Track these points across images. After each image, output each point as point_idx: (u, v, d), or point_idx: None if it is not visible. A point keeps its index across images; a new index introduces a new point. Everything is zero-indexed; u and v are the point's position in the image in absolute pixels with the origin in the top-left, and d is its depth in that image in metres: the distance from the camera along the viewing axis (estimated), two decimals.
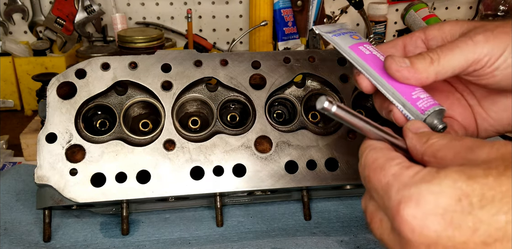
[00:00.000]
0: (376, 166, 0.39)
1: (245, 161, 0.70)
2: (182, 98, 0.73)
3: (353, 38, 0.53)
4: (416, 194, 0.34)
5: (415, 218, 0.34)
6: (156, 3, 1.45)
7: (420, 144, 0.41)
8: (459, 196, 0.32)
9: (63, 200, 0.67)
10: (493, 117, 0.53)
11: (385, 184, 0.37)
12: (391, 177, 0.37)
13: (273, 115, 0.79)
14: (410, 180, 0.36)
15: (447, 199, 0.33)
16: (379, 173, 0.39)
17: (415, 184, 0.35)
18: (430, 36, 0.51)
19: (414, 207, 0.34)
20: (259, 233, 0.74)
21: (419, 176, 0.35)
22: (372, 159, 0.40)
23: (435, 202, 0.33)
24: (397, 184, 0.36)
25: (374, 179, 0.39)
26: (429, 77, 0.45)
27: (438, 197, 0.33)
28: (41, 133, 0.67)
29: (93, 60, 0.70)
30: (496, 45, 0.44)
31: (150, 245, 0.71)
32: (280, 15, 1.38)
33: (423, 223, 0.33)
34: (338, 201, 0.82)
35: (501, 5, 1.45)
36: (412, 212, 0.34)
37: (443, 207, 0.33)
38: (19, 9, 1.34)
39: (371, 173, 0.39)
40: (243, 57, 0.74)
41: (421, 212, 0.33)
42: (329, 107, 0.38)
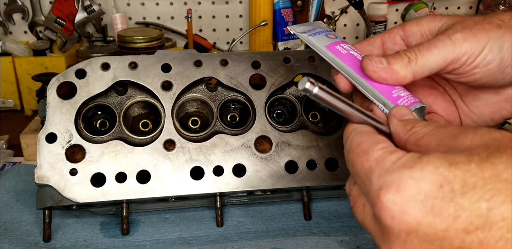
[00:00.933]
0: (360, 150, 0.39)
1: (245, 161, 0.70)
2: (182, 98, 0.73)
3: (329, 38, 0.52)
4: (397, 180, 0.34)
5: (395, 204, 0.33)
6: (156, 3, 1.46)
7: (404, 132, 0.40)
8: (441, 182, 0.32)
9: (63, 200, 0.67)
10: (475, 112, 0.53)
11: (367, 169, 0.37)
12: (373, 162, 0.37)
13: (273, 115, 0.79)
14: (392, 165, 0.35)
15: (428, 185, 0.32)
16: (362, 157, 0.38)
17: (396, 169, 0.34)
18: (409, 32, 0.50)
19: (394, 193, 0.33)
20: (259, 233, 0.74)
21: (401, 162, 0.35)
22: (357, 143, 0.40)
23: (416, 188, 0.33)
24: (379, 169, 0.36)
25: (357, 163, 0.38)
26: (407, 78, 0.45)
27: (419, 183, 0.33)
28: (41, 133, 0.67)
29: (93, 60, 0.70)
30: (474, 43, 0.44)
31: (150, 245, 0.71)
32: (280, 15, 1.38)
33: (403, 209, 0.33)
34: (338, 201, 0.82)
35: (501, 5, 1.45)
36: (392, 198, 0.33)
37: (424, 193, 0.32)
38: (19, 9, 1.34)
39: (354, 157, 0.39)
40: (243, 57, 0.74)
41: (402, 198, 0.33)
42: (311, 88, 0.37)
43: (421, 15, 1.40)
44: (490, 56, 0.44)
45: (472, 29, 0.45)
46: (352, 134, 0.41)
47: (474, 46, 0.44)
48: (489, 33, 0.44)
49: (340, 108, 0.40)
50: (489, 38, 0.44)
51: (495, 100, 0.51)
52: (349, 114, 0.41)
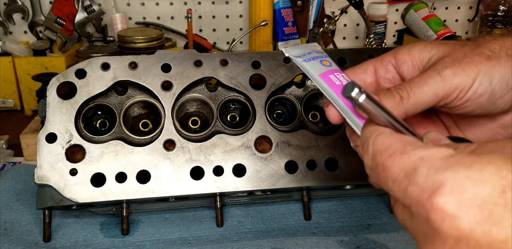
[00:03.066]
0: (393, 151, 0.34)
1: (245, 161, 0.70)
2: (182, 98, 0.73)
3: (323, 65, 0.50)
4: (451, 180, 0.30)
5: (448, 205, 0.29)
6: (156, 3, 1.46)
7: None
8: (504, 187, 0.28)
9: (63, 200, 0.67)
10: (470, 138, 0.51)
11: (410, 169, 0.32)
12: (418, 161, 0.32)
13: (273, 115, 0.79)
14: (443, 162, 0.31)
15: (488, 189, 0.29)
16: (400, 157, 0.33)
17: (450, 167, 0.30)
18: (400, 62, 0.49)
19: (447, 194, 0.29)
20: (259, 233, 0.74)
21: (455, 159, 0.31)
22: (385, 145, 0.35)
23: (474, 191, 0.29)
24: (426, 167, 0.31)
25: (394, 166, 0.34)
26: (399, 116, 0.43)
27: (477, 185, 0.29)
28: (41, 133, 0.67)
29: (93, 60, 0.70)
30: (464, 78, 0.43)
31: (150, 245, 0.71)
32: (280, 15, 1.38)
33: (456, 212, 0.29)
34: (338, 201, 0.82)
35: (501, 5, 1.45)
36: (445, 199, 0.29)
37: (483, 197, 0.29)
38: (19, 9, 1.34)
39: (387, 160, 0.34)
40: (243, 57, 0.74)
41: (456, 200, 0.29)
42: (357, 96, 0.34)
43: (421, 15, 1.40)
44: (480, 89, 0.43)
45: (461, 63, 0.44)
46: (374, 135, 0.37)
47: (464, 81, 0.43)
48: (479, 66, 0.43)
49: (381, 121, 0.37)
50: (478, 71, 0.43)
51: (490, 126, 0.50)
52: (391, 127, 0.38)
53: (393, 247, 0.71)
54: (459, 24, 1.68)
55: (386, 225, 0.76)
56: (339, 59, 0.75)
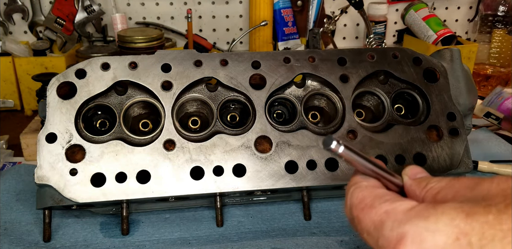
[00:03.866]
0: (364, 205, 0.38)
1: (245, 161, 0.70)
2: (182, 98, 0.73)
3: None
4: (412, 232, 0.33)
5: None
6: (156, 3, 1.46)
7: (419, 189, 0.40)
8: (457, 234, 0.31)
9: (63, 200, 0.67)
10: None
11: (378, 223, 0.36)
12: (383, 215, 0.36)
13: (273, 115, 0.79)
14: (404, 215, 0.34)
15: (444, 238, 0.32)
16: (369, 211, 0.37)
17: (410, 220, 0.34)
18: None
19: (409, 245, 0.32)
20: (259, 233, 0.74)
21: (415, 212, 0.34)
22: (359, 198, 0.39)
23: (432, 241, 0.32)
24: (390, 220, 0.35)
25: (365, 218, 0.37)
26: None
27: (435, 235, 0.32)
28: (41, 133, 0.67)
29: (93, 60, 0.70)
30: None
31: (150, 245, 0.71)
32: (280, 15, 1.38)
33: None
34: (338, 201, 0.82)
35: (501, 5, 1.45)
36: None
37: (441, 246, 0.31)
38: (19, 9, 1.34)
39: (360, 214, 0.38)
40: (243, 57, 0.73)
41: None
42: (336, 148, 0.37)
43: (421, 15, 1.40)
44: None
45: None
46: (352, 188, 0.40)
47: None
48: None
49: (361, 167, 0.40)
50: None
51: None
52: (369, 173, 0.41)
53: None
54: (459, 24, 1.68)
55: None
56: (339, 59, 0.75)
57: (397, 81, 0.78)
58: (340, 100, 0.75)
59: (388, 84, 0.78)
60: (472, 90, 0.80)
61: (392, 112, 0.77)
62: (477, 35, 1.52)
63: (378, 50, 0.77)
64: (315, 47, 1.26)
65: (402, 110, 0.80)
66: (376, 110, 0.79)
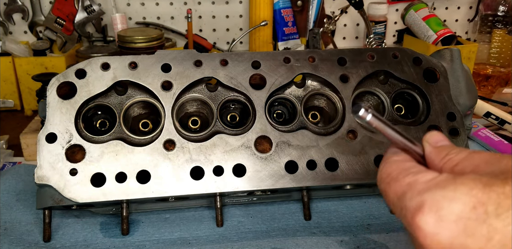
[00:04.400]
0: (390, 179, 0.39)
1: (245, 161, 0.70)
2: (182, 98, 0.73)
3: None
4: (430, 200, 0.34)
5: (428, 223, 0.33)
6: (156, 3, 1.45)
7: (438, 159, 0.40)
8: (474, 203, 0.32)
9: (63, 200, 0.67)
10: None
11: (400, 194, 0.37)
12: (406, 186, 0.37)
13: (273, 115, 0.79)
14: (424, 186, 0.36)
15: (461, 206, 0.33)
16: (393, 185, 0.38)
17: (429, 190, 0.35)
18: None
19: (427, 213, 0.34)
20: (259, 233, 0.74)
21: (434, 182, 0.35)
22: (386, 173, 0.40)
23: (449, 208, 0.33)
24: (411, 191, 0.36)
25: (390, 191, 0.39)
26: None
27: (451, 203, 0.33)
28: (41, 133, 0.67)
29: (93, 60, 0.70)
30: None
31: (150, 245, 0.71)
32: (280, 15, 1.38)
33: (435, 229, 0.33)
34: (338, 201, 0.82)
35: (501, 5, 1.45)
36: (425, 218, 0.34)
37: (457, 213, 0.32)
38: (19, 9, 1.34)
39: (386, 187, 0.40)
40: (243, 57, 0.73)
41: (434, 217, 0.33)
42: (364, 115, 0.39)
43: (421, 15, 1.40)
44: None
45: None
46: (382, 164, 0.42)
47: None
48: None
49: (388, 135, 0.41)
50: None
51: None
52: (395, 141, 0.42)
53: (393, 247, 0.71)
54: (459, 24, 1.68)
55: (386, 225, 0.76)
56: (339, 59, 0.75)
57: (397, 81, 0.78)
58: (340, 100, 0.75)
59: (388, 84, 0.78)
60: (472, 90, 0.80)
61: (392, 112, 0.77)
62: (477, 35, 1.52)
63: (378, 50, 0.77)
64: (315, 47, 1.26)
65: (402, 110, 0.80)
66: (376, 110, 0.79)
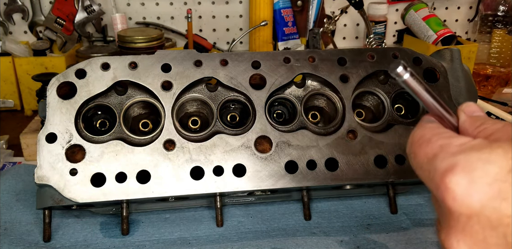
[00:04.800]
0: (422, 141, 0.38)
1: (245, 161, 0.70)
2: (182, 98, 0.73)
3: None
4: (463, 161, 0.32)
5: (459, 185, 0.32)
6: (156, 3, 1.45)
7: (472, 128, 0.39)
8: (511, 167, 0.31)
9: (63, 200, 0.67)
10: None
11: (431, 156, 0.35)
12: (438, 148, 0.35)
13: (273, 115, 0.79)
14: (458, 148, 0.34)
15: (497, 168, 0.31)
16: (425, 146, 0.37)
17: (463, 151, 0.33)
18: None
19: (459, 174, 0.32)
20: (259, 233, 0.74)
21: (469, 145, 0.34)
22: (419, 135, 0.39)
23: (483, 170, 0.31)
24: (443, 153, 0.34)
25: (421, 153, 0.37)
26: None
27: (486, 165, 0.31)
28: (41, 133, 0.67)
29: (93, 60, 0.70)
30: None
31: (150, 245, 0.71)
32: (280, 15, 1.38)
33: (467, 190, 0.31)
34: (338, 201, 0.82)
35: (501, 5, 1.45)
36: (457, 179, 0.32)
37: (492, 176, 0.31)
38: (19, 9, 1.34)
39: (416, 148, 0.38)
40: (243, 57, 0.73)
41: (467, 179, 0.31)
42: (402, 73, 0.37)
43: (421, 15, 1.40)
44: None
45: None
46: (416, 128, 0.40)
47: None
48: None
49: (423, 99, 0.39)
50: None
51: None
52: (429, 106, 0.40)
53: (393, 247, 0.71)
54: (459, 24, 1.68)
55: (386, 225, 0.76)
56: (339, 59, 0.75)
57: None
58: (340, 100, 0.75)
59: (388, 84, 0.78)
60: (472, 90, 0.80)
61: (392, 112, 0.77)
62: (477, 35, 1.52)
63: (378, 50, 0.77)
64: (315, 47, 1.26)
65: (402, 110, 0.80)
66: (376, 110, 0.79)
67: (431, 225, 0.76)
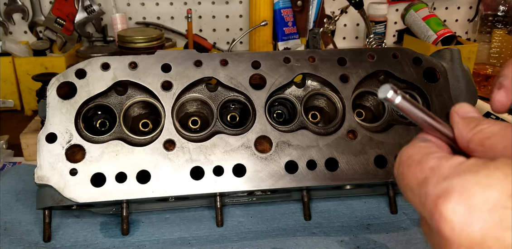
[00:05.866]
0: (411, 161, 0.35)
1: (245, 161, 0.70)
2: (182, 98, 0.73)
3: None
4: (459, 186, 0.29)
5: (456, 213, 0.29)
6: (156, 3, 1.45)
7: (467, 130, 0.36)
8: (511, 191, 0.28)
9: (63, 200, 0.67)
10: None
11: (421, 179, 0.32)
12: (428, 171, 0.32)
13: (273, 115, 0.79)
14: (452, 171, 0.31)
15: (497, 193, 0.28)
16: (414, 168, 0.34)
17: (458, 175, 0.30)
18: None
19: (456, 200, 0.29)
20: (259, 233, 0.74)
21: (463, 167, 0.31)
22: (408, 155, 0.36)
23: (483, 196, 0.28)
24: (435, 177, 0.31)
25: (409, 175, 0.34)
26: None
27: (486, 190, 0.28)
28: (41, 133, 0.67)
29: (93, 60, 0.70)
30: None
31: (150, 245, 0.71)
32: (280, 15, 1.38)
33: (465, 219, 0.28)
34: (338, 201, 0.82)
35: (501, 5, 1.45)
36: (453, 206, 0.29)
37: (492, 202, 0.28)
38: (19, 9, 1.34)
39: (405, 169, 0.35)
40: (243, 57, 0.73)
41: (465, 206, 0.28)
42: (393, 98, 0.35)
43: (421, 15, 1.40)
44: None
45: None
46: (405, 147, 0.38)
47: None
48: None
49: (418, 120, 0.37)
50: None
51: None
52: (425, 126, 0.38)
53: (393, 247, 0.71)
54: (459, 24, 1.68)
55: (386, 225, 0.76)
56: (339, 59, 0.75)
57: (397, 81, 0.78)
58: (340, 100, 0.75)
59: None
60: (472, 90, 0.80)
61: (392, 112, 0.77)
62: (477, 35, 1.52)
63: (378, 50, 0.77)
64: (315, 47, 1.26)
65: None
66: (376, 110, 0.79)
67: None
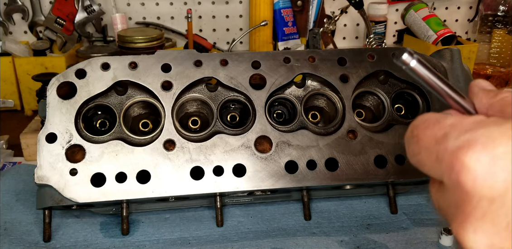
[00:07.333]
0: (428, 123, 0.33)
1: (245, 161, 0.70)
2: (182, 98, 0.73)
3: None
4: (484, 137, 0.28)
5: (480, 162, 0.27)
6: (156, 3, 1.45)
7: (487, 97, 0.34)
8: None
9: (63, 200, 0.67)
10: None
11: (441, 136, 0.31)
12: (448, 127, 0.30)
13: (273, 115, 0.79)
14: (473, 124, 0.29)
15: None
16: (432, 127, 0.32)
17: (482, 126, 0.29)
18: None
19: (480, 150, 0.27)
20: (259, 233, 0.74)
21: (486, 121, 0.30)
22: (424, 119, 0.34)
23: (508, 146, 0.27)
24: (457, 131, 0.30)
25: (426, 135, 0.32)
26: None
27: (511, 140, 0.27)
28: (41, 133, 0.67)
29: (93, 60, 0.70)
30: None
31: (150, 245, 0.71)
32: (280, 15, 1.38)
33: (489, 169, 0.27)
34: (338, 201, 0.82)
35: (501, 5, 1.45)
36: (477, 156, 0.27)
37: None
38: (19, 9, 1.34)
39: (420, 131, 0.33)
40: (243, 57, 0.73)
41: (489, 155, 0.27)
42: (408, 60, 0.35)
43: (421, 15, 1.40)
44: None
45: None
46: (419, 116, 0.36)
47: None
48: None
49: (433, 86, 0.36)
50: None
51: None
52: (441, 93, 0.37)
53: (393, 247, 0.71)
54: (459, 24, 1.68)
55: (386, 225, 0.76)
56: (339, 59, 0.75)
57: (397, 81, 0.78)
58: (340, 100, 0.75)
59: (388, 84, 0.78)
60: None
61: (392, 112, 0.77)
62: (477, 35, 1.52)
63: (378, 50, 0.77)
64: (315, 47, 1.26)
65: (402, 110, 0.80)
66: (376, 110, 0.79)
67: (431, 225, 0.76)
